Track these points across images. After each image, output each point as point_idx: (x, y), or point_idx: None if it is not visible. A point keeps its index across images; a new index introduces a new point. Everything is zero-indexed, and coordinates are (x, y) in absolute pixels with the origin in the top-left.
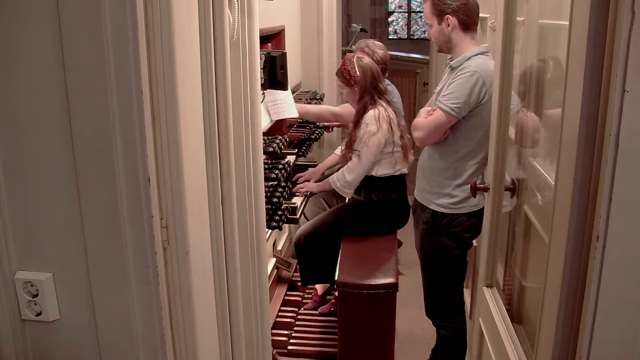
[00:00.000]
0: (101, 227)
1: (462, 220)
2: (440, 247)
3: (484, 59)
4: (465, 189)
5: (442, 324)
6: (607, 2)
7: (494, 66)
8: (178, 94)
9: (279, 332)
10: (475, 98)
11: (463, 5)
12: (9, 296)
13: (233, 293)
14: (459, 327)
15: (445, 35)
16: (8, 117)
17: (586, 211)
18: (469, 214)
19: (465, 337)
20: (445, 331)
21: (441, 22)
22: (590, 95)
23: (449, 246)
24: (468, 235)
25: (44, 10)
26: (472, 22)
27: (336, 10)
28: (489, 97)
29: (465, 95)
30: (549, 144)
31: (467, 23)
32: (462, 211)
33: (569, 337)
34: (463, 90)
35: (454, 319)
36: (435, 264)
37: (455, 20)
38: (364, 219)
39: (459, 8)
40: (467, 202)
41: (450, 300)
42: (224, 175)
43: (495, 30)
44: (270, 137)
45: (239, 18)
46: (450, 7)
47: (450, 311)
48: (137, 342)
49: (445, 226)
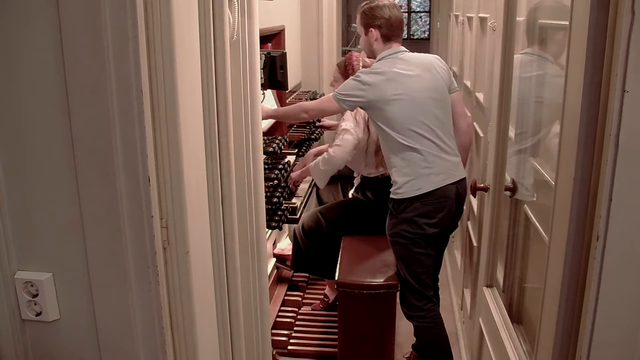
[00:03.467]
0: (101, 227)
1: (416, 206)
2: (397, 231)
3: (382, 62)
4: (403, 173)
5: (410, 312)
6: (607, 2)
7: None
8: (178, 94)
9: (279, 332)
10: (354, 98)
11: (385, 21)
12: (9, 296)
13: (233, 293)
14: (430, 315)
15: (369, 44)
16: (8, 117)
17: (586, 211)
18: (422, 199)
19: (440, 327)
20: (417, 321)
21: (367, 33)
22: (590, 95)
23: (404, 229)
24: (424, 221)
25: (44, 10)
26: (393, 34)
27: (336, 10)
28: (378, 91)
29: (348, 94)
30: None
31: (388, 36)
32: (407, 195)
33: (569, 337)
34: (347, 90)
35: (421, 307)
36: (396, 248)
37: (378, 33)
38: (366, 217)
39: (382, 24)
40: (407, 186)
41: (413, 287)
42: (224, 175)
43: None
44: (270, 137)
45: (239, 18)
46: (374, 22)
47: (414, 298)
48: (137, 342)
49: (402, 212)
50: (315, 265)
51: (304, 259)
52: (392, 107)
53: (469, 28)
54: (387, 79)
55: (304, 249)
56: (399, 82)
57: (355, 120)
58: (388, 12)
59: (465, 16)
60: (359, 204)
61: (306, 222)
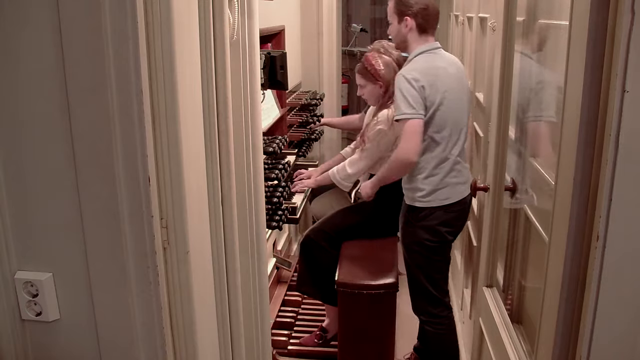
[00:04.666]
0: (101, 227)
1: (439, 214)
2: (418, 240)
3: (423, 58)
4: (431, 181)
5: (425, 318)
6: (607, 2)
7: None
8: (178, 94)
9: (279, 332)
10: (416, 95)
11: (423, 10)
12: (9, 296)
13: (233, 293)
14: (446, 322)
15: (402, 35)
16: (8, 117)
17: (586, 211)
18: (446, 208)
19: (454, 333)
20: (430, 327)
21: (400, 22)
22: (590, 95)
23: (425, 239)
24: (446, 230)
25: (44, 10)
26: (429, 26)
27: (336, 10)
28: (430, 92)
29: (405, 100)
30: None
31: (424, 27)
32: (432, 204)
33: (569, 337)
34: (400, 97)
35: (437, 314)
36: (414, 256)
37: (414, 22)
38: (373, 219)
39: (418, 12)
40: (435, 194)
41: (430, 294)
42: (224, 176)
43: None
44: (270, 137)
45: (239, 18)
46: (411, 10)
47: (431, 305)
48: (137, 342)
49: (422, 219)
50: (319, 282)
51: (309, 275)
52: (441, 107)
53: (469, 28)
54: (436, 75)
55: (310, 262)
56: (443, 82)
57: (390, 122)
58: (426, 1)
59: (465, 16)
60: (366, 206)
61: (312, 233)
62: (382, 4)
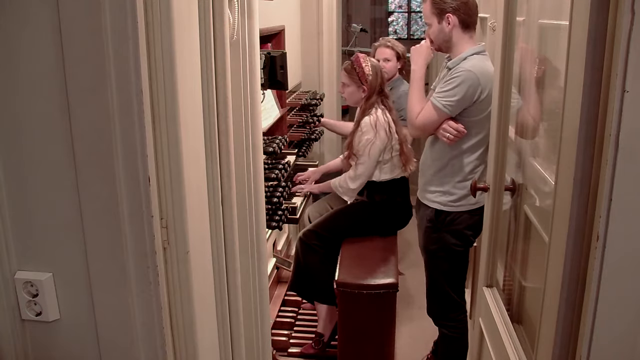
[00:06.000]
0: (101, 227)
1: (465, 218)
2: (444, 245)
3: (479, 59)
4: (464, 186)
5: (444, 322)
6: (607, 2)
7: (492, 65)
8: (178, 93)
9: (279, 332)
10: (469, 97)
11: (463, 4)
12: (9, 296)
13: (233, 293)
14: (460, 326)
15: (445, 34)
16: (8, 117)
17: (586, 211)
18: (471, 212)
19: (466, 337)
20: (447, 330)
21: (441, 21)
22: (590, 95)
23: (453, 244)
24: (470, 233)
25: (44, 10)
26: (471, 21)
27: (336, 10)
28: (486, 96)
29: (459, 94)
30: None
31: (467, 22)
32: (462, 209)
33: (569, 337)
34: (457, 89)
35: (455, 318)
36: (438, 262)
37: (456, 18)
38: (367, 220)
39: (459, 7)
40: (466, 199)
41: (452, 299)
42: (224, 175)
43: (495, 30)
44: (270, 137)
45: (239, 18)
46: (451, 6)
47: (451, 310)
48: (137, 342)
49: (449, 224)
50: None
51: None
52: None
53: None
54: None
55: (304, 264)
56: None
57: (374, 130)
58: None
59: None
60: (361, 206)
61: (306, 234)
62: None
